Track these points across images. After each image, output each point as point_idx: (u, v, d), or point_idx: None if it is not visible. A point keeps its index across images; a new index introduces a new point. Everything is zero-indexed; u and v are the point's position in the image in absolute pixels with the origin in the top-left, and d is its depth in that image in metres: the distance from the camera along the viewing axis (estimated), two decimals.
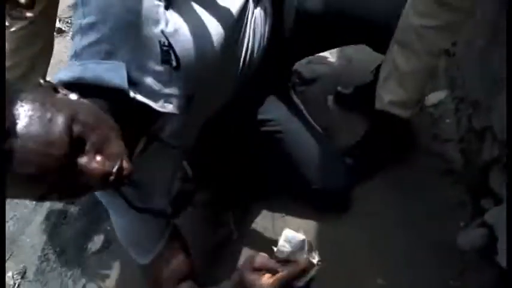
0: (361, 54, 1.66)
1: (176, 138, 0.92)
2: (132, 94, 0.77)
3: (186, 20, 0.90)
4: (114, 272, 1.22)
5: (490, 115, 1.13)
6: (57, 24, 2.12)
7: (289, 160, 1.24)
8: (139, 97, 0.78)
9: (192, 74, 0.89)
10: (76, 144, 0.64)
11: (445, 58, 1.58)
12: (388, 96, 1.24)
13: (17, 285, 1.23)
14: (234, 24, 1.03)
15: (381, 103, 1.27)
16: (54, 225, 1.36)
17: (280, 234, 1.24)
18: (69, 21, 2.20)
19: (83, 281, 1.21)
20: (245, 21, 1.09)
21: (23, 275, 1.25)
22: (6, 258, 1.27)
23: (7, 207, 1.42)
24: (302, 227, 1.25)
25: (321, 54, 1.83)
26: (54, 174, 0.61)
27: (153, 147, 0.90)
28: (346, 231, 1.23)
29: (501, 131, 1.06)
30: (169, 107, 0.85)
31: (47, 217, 1.38)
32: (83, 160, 0.65)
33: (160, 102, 0.84)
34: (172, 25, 0.86)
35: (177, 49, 0.86)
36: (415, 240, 1.20)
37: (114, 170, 0.67)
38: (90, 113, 0.69)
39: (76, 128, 0.64)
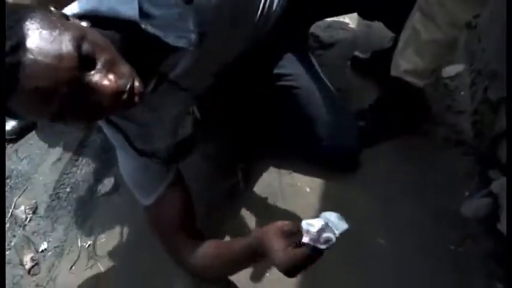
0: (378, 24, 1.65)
1: (187, 78, 0.92)
2: (143, 25, 0.77)
3: None
4: (122, 214, 1.25)
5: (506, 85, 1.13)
6: None
7: (302, 116, 1.25)
8: (150, 28, 0.79)
9: (205, 10, 0.89)
10: (85, 60, 0.64)
11: (466, 31, 1.56)
12: (405, 64, 1.24)
13: (28, 219, 1.27)
14: None
15: (396, 70, 1.27)
16: (66, 167, 1.39)
17: (286, 192, 1.27)
18: None
19: (91, 220, 1.24)
20: None
21: (34, 210, 1.29)
22: (19, 193, 1.31)
23: (21, 148, 1.45)
24: (309, 185, 1.27)
25: (341, 19, 1.83)
26: (65, 88, 0.62)
27: (162, 88, 0.91)
28: (352, 192, 1.24)
29: None
30: (181, 42, 0.85)
31: (60, 158, 1.41)
32: (94, 77, 0.65)
33: (172, 36, 0.84)
34: None
35: None
36: (419, 206, 1.21)
37: (126, 88, 0.68)
38: (99, 37, 0.69)
39: (85, 47, 0.64)
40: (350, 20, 1.85)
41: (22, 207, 1.29)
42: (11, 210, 1.28)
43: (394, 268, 1.09)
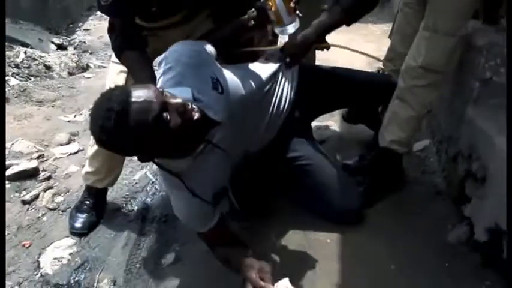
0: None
1: (223, 143, 1.39)
2: (195, 104, 1.26)
3: (230, 70, 1.50)
4: (184, 279, 1.57)
5: (459, 142, 1.60)
6: None
7: (317, 185, 1.67)
8: (199, 105, 1.28)
9: (231, 100, 1.43)
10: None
11: (426, 116, 2.10)
12: (390, 136, 1.71)
13: (112, 282, 1.57)
14: (263, 82, 1.60)
15: (383, 141, 1.73)
16: (132, 250, 1.73)
17: (312, 244, 1.61)
18: None
19: (162, 285, 1.55)
20: (274, 82, 1.65)
21: (114, 282, 1.58)
22: (99, 272, 1.62)
23: (91, 239, 1.79)
24: (329, 237, 1.64)
25: (326, 123, 2.38)
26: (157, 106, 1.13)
27: (207, 149, 1.36)
28: (363, 238, 1.63)
29: (466, 149, 1.51)
30: (217, 117, 1.35)
31: (126, 244, 1.75)
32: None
33: (212, 113, 1.34)
34: (219, 70, 1.46)
35: (222, 82, 1.42)
36: (417, 240, 1.60)
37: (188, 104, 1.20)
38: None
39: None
40: (334, 122, 2.40)
41: (105, 280, 1.58)
42: (95, 284, 1.58)
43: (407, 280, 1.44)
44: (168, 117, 1.14)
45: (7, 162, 2.30)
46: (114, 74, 1.75)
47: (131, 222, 1.90)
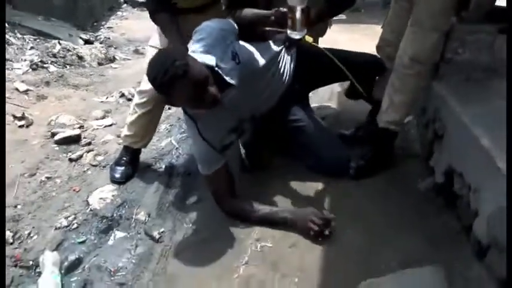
0: (350, 104, 2.61)
1: (230, 104, 1.80)
2: (216, 69, 1.71)
3: (247, 46, 1.91)
4: (205, 213, 1.96)
5: (428, 111, 1.98)
6: None
7: (310, 143, 2.07)
8: (219, 71, 1.73)
9: (244, 70, 1.84)
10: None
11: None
12: (387, 117, 2.05)
13: (146, 220, 1.95)
14: (269, 59, 2.00)
15: (382, 122, 2.07)
16: (161, 195, 2.13)
17: (306, 191, 2.00)
18: None
19: (187, 219, 1.94)
20: (278, 60, 2.06)
21: (149, 215, 1.98)
22: (136, 207, 2.02)
23: (128, 186, 2.19)
24: (319, 186, 2.02)
25: (326, 104, 2.77)
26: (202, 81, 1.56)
27: (219, 106, 1.72)
28: (350, 185, 2.01)
29: (432, 114, 1.90)
30: (233, 81, 1.78)
31: (157, 190, 2.15)
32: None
33: (229, 77, 1.77)
34: (239, 45, 1.85)
35: (240, 55, 1.83)
36: (394, 189, 1.99)
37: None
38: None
39: None
40: (332, 103, 2.79)
41: (142, 213, 1.98)
42: (134, 216, 1.97)
43: (388, 218, 1.84)
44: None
45: (53, 130, 2.73)
46: (152, 55, 2.17)
47: (160, 176, 2.31)
